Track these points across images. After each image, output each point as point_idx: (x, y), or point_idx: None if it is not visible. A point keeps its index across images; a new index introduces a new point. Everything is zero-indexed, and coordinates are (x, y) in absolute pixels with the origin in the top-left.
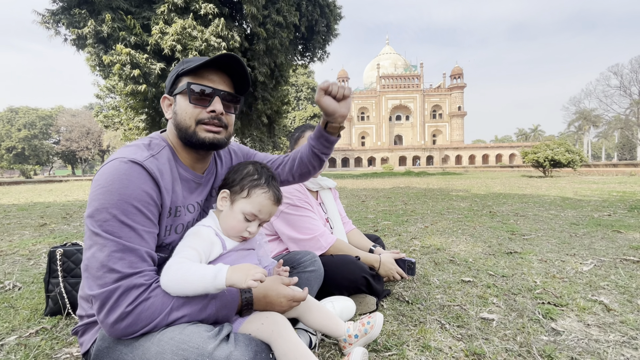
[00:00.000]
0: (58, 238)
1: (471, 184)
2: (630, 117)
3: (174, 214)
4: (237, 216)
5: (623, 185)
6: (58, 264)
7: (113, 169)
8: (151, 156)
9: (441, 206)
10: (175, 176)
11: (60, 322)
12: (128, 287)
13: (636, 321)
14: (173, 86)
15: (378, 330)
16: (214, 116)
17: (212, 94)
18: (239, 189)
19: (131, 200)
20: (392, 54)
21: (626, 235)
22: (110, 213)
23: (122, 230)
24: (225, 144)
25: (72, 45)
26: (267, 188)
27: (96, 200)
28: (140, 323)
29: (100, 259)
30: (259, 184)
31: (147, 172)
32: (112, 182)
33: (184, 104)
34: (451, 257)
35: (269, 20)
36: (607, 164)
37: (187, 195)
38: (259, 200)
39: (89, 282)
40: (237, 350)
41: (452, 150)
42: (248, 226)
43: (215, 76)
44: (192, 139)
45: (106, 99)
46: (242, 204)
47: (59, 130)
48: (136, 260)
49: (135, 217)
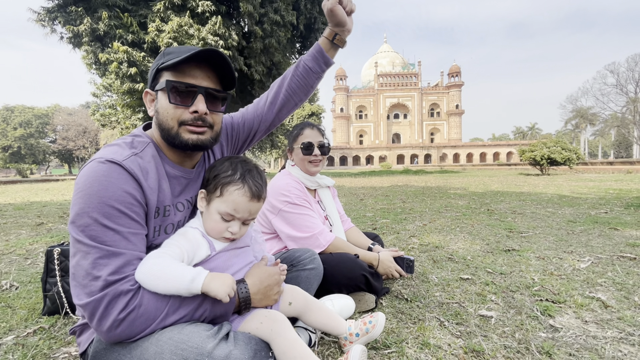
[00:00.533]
0: (55, 237)
1: (469, 182)
2: (627, 115)
3: (163, 213)
4: (214, 217)
5: (619, 183)
6: (55, 263)
7: (91, 170)
8: (133, 155)
9: (439, 204)
10: (161, 174)
11: (58, 321)
12: (115, 295)
13: (633, 317)
14: (154, 80)
15: (380, 329)
16: (197, 117)
17: (194, 92)
18: (213, 187)
19: (112, 202)
20: (390, 52)
21: (623, 233)
22: (91, 217)
23: (105, 235)
24: (211, 143)
25: (68, 44)
26: (241, 184)
27: (76, 204)
28: (135, 329)
29: (85, 266)
30: (232, 180)
31: (127, 172)
32: (91, 185)
33: (165, 102)
34: (450, 255)
35: (266, 19)
36: (603, 162)
37: (177, 193)
38: (232, 198)
39: (77, 291)
40: (236, 349)
41: (450, 149)
42: (228, 226)
43: (197, 71)
44: (174, 141)
45: (103, 98)
46: (216, 203)
47: (55, 129)
48: (122, 264)
49: (118, 219)
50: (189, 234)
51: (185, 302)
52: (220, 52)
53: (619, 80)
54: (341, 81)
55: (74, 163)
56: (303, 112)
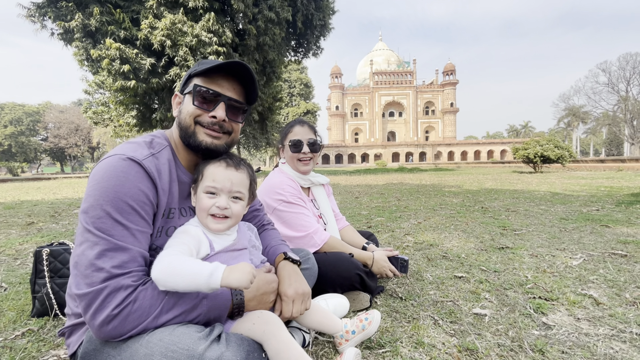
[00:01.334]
0: (46, 237)
1: (463, 179)
2: (618, 114)
3: (167, 215)
4: (200, 197)
5: (610, 180)
6: (44, 264)
7: (111, 165)
8: (151, 155)
9: (434, 202)
10: (173, 177)
11: (47, 323)
12: (115, 288)
13: (625, 315)
14: (185, 85)
15: (376, 326)
16: (215, 122)
17: (217, 98)
18: (197, 177)
19: (126, 198)
20: (385, 50)
21: (614, 230)
22: (104, 210)
23: (114, 229)
24: (225, 150)
25: (59, 40)
26: (217, 161)
27: (91, 196)
28: (127, 325)
29: (90, 257)
30: (210, 163)
31: (145, 171)
32: (109, 179)
33: (189, 104)
34: (444, 253)
35: (260, 17)
36: (595, 160)
37: (182, 199)
38: (211, 171)
39: (77, 280)
40: (228, 350)
41: (445, 147)
42: (214, 201)
43: (225, 82)
44: (190, 139)
45: (95, 95)
46: (200, 186)
47: (46, 127)
48: (127, 260)
49: (130, 216)
50: (191, 231)
51: (181, 302)
52: (247, 67)
53: (611, 79)
54: (336, 79)
55: (66, 161)
56: (298, 110)
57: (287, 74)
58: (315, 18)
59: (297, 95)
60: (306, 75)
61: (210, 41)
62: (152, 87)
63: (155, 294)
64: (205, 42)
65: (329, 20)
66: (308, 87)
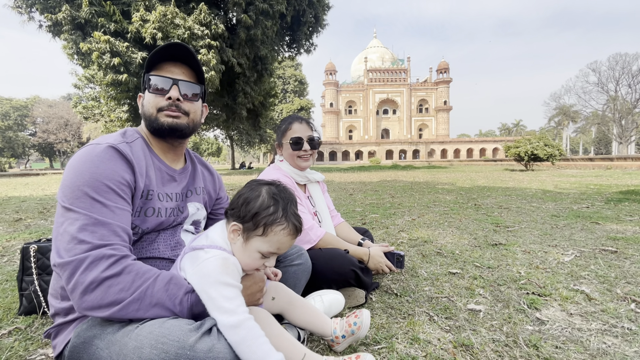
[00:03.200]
0: (34, 234)
1: (456, 177)
2: (607, 113)
3: (146, 196)
4: (253, 255)
5: (599, 178)
6: (32, 260)
7: (86, 152)
8: (125, 142)
9: (427, 199)
10: (149, 162)
11: (35, 321)
12: (97, 257)
13: (616, 310)
14: (143, 84)
15: (365, 330)
16: (171, 103)
17: (170, 83)
18: (253, 225)
19: (102, 178)
20: (379, 47)
21: (604, 227)
22: (81, 190)
23: (93, 207)
24: (188, 130)
25: (47, 32)
26: (286, 222)
27: (68, 179)
28: (108, 297)
29: (71, 231)
30: (276, 219)
31: (121, 154)
32: (84, 163)
33: (148, 95)
34: (438, 250)
35: (252, 8)
36: (584, 158)
37: (160, 184)
38: (278, 238)
39: (59, 252)
40: (219, 342)
41: (438, 144)
42: (265, 261)
43: (174, 68)
44: (154, 125)
45: (85, 89)
46: (258, 242)
47: (35, 122)
48: (108, 233)
49: (107, 194)
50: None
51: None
52: (186, 46)
53: (600, 79)
54: (331, 76)
55: (55, 157)
56: (292, 106)
57: (281, 70)
58: (307, 14)
59: (291, 92)
60: (300, 72)
61: (203, 34)
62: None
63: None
64: (198, 36)
65: (323, 15)
66: (302, 83)
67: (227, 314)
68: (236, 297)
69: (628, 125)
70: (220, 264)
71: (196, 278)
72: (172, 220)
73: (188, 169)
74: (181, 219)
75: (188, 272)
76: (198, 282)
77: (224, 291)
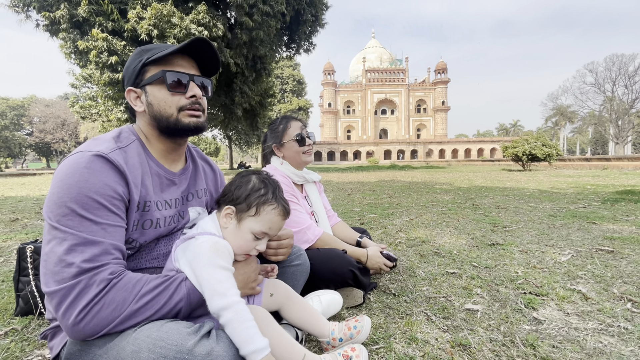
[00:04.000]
0: (31, 234)
1: (454, 177)
2: (604, 114)
3: (143, 208)
4: (246, 236)
5: (596, 178)
6: (28, 261)
7: (74, 162)
8: (118, 148)
9: (425, 199)
10: (145, 170)
11: (31, 322)
12: (87, 284)
13: (612, 309)
14: (139, 77)
15: (365, 335)
16: (195, 101)
17: (187, 79)
18: (246, 206)
19: (91, 193)
20: (378, 47)
21: (600, 227)
22: (68, 207)
23: (82, 225)
24: (205, 127)
25: (44, 32)
26: (276, 203)
27: (54, 194)
28: (101, 321)
29: (59, 252)
30: (267, 199)
31: (113, 165)
32: (72, 175)
33: (160, 93)
34: (436, 249)
35: (256, 10)
36: (581, 159)
37: (158, 191)
38: (269, 217)
39: (46, 278)
40: (218, 345)
41: (436, 144)
42: (257, 244)
43: (184, 61)
44: (176, 127)
45: (82, 89)
46: (250, 222)
47: (31, 121)
48: (99, 253)
49: (97, 211)
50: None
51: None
52: (208, 42)
53: (597, 80)
54: (329, 76)
55: (52, 157)
56: (291, 106)
57: (280, 70)
58: (307, 13)
59: (290, 92)
60: (299, 72)
61: (201, 34)
62: None
63: (129, 287)
64: (195, 35)
65: (322, 15)
66: (300, 83)
67: (218, 295)
68: (227, 279)
69: (624, 126)
70: (210, 246)
71: (188, 263)
72: (173, 228)
73: (189, 169)
74: (181, 225)
75: (181, 261)
76: (190, 266)
77: (216, 274)
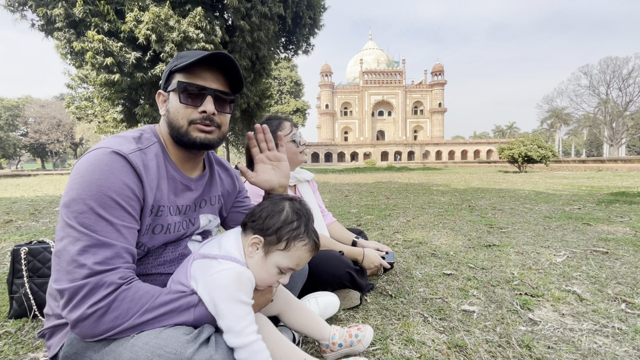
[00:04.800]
0: (25, 235)
1: (451, 178)
2: (598, 116)
3: (156, 213)
4: (271, 270)
5: (591, 180)
6: (23, 263)
7: (95, 158)
8: (138, 150)
9: (422, 200)
10: (162, 174)
11: (25, 325)
12: (97, 285)
13: (607, 310)
14: (167, 82)
15: (365, 345)
16: (206, 116)
17: (204, 92)
18: (276, 239)
19: (110, 192)
20: (375, 49)
21: (595, 228)
22: (87, 204)
23: (98, 224)
24: (218, 144)
25: (40, 31)
26: (307, 239)
27: (73, 189)
28: (101, 326)
29: (72, 252)
30: (299, 234)
31: (131, 166)
32: (92, 172)
33: (176, 102)
34: (433, 251)
35: (254, 12)
36: (576, 160)
37: (173, 197)
38: (299, 254)
39: (59, 275)
40: (217, 353)
41: (433, 146)
42: (280, 278)
43: (208, 74)
44: (183, 139)
45: (78, 89)
46: (278, 256)
47: (26, 122)
48: (111, 256)
49: (114, 211)
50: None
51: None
52: (229, 57)
53: (592, 82)
54: (326, 77)
55: (46, 157)
56: (288, 107)
57: (277, 71)
58: (305, 16)
59: (287, 93)
60: (296, 73)
61: (198, 37)
62: (137, 81)
63: (136, 297)
64: (193, 39)
65: (319, 17)
66: (298, 85)
67: (233, 334)
68: (246, 315)
69: (619, 128)
70: (235, 277)
71: (207, 290)
72: (182, 234)
73: (206, 175)
74: (190, 232)
75: (199, 283)
76: (209, 294)
77: (235, 309)
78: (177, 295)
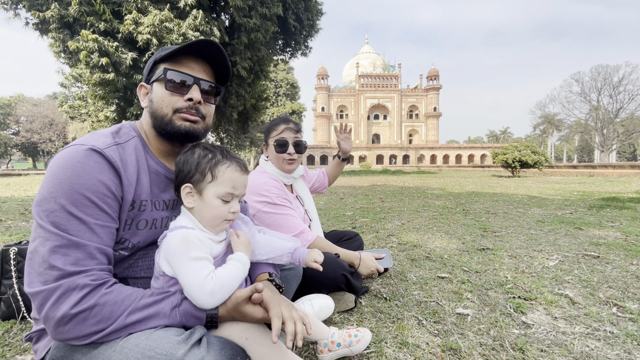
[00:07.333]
0: (14, 235)
1: (445, 182)
2: (590, 122)
3: (138, 207)
4: (213, 203)
5: (583, 185)
6: (11, 263)
7: (68, 155)
8: (115, 144)
9: (417, 204)
10: (142, 167)
11: (13, 327)
12: (69, 288)
13: (598, 313)
14: (150, 73)
15: (363, 347)
16: (192, 105)
17: (190, 81)
18: (200, 176)
19: (83, 190)
20: (371, 53)
21: (587, 232)
22: (58, 203)
23: (69, 223)
24: (202, 135)
25: (34, 30)
26: (228, 161)
27: (45, 187)
28: (85, 329)
29: (42, 253)
30: (218, 161)
31: (107, 161)
32: (65, 169)
33: (161, 91)
34: (427, 254)
35: (254, 13)
36: (568, 166)
37: (157, 191)
38: (227, 176)
39: (31, 278)
40: (209, 355)
41: (428, 150)
42: (229, 207)
43: (194, 64)
44: (166, 128)
45: (72, 89)
46: (211, 189)
47: (18, 120)
48: (83, 257)
49: (87, 209)
50: (192, 238)
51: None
52: (218, 46)
53: (583, 89)
54: (323, 80)
55: (38, 157)
56: (284, 110)
57: (274, 73)
58: (304, 18)
59: (283, 95)
60: (292, 76)
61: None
62: (134, 82)
63: (119, 300)
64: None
65: (317, 21)
66: (294, 87)
67: (195, 288)
68: (203, 268)
69: (609, 134)
70: (180, 239)
71: (166, 261)
72: None
73: None
74: None
75: (160, 258)
76: (168, 264)
77: (192, 267)
78: (160, 297)
